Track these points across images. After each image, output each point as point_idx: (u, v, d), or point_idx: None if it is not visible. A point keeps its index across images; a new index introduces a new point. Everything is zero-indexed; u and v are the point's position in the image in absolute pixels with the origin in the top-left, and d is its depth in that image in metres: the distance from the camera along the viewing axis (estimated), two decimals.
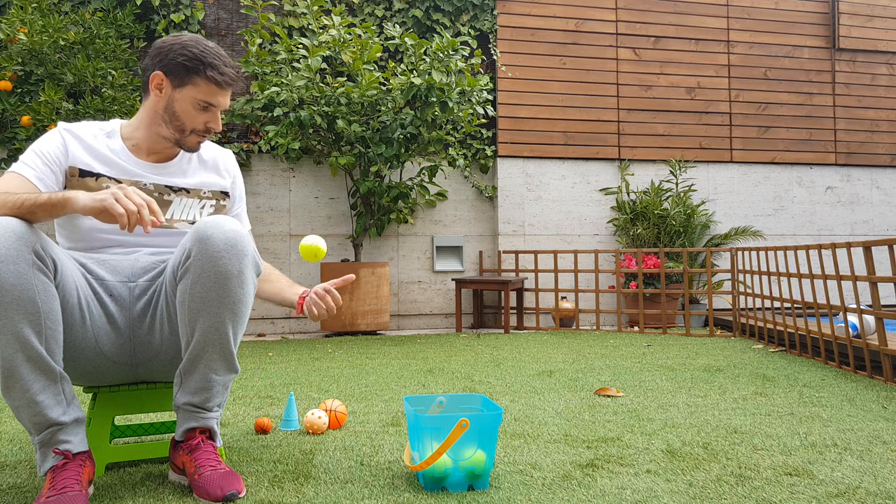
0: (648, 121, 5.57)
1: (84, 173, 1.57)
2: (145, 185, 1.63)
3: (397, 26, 4.72)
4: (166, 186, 1.65)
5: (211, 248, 1.41)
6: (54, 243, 1.40)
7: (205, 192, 1.72)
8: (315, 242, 1.66)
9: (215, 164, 1.76)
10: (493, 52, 5.28)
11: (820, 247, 3.26)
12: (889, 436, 1.94)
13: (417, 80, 4.18)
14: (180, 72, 1.57)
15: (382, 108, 4.46)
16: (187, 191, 1.68)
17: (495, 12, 5.31)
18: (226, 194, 1.77)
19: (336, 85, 4.42)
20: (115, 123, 1.67)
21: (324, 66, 4.51)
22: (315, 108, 4.29)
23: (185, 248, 1.45)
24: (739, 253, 5.39)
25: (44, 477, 1.38)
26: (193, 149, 1.66)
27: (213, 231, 1.42)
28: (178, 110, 1.59)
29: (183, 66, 1.57)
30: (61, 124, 1.61)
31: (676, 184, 5.44)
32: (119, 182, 1.59)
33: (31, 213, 1.34)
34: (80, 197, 1.33)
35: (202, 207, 1.71)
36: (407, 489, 1.50)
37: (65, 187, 1.57)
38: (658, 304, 4.97)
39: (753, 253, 5.61)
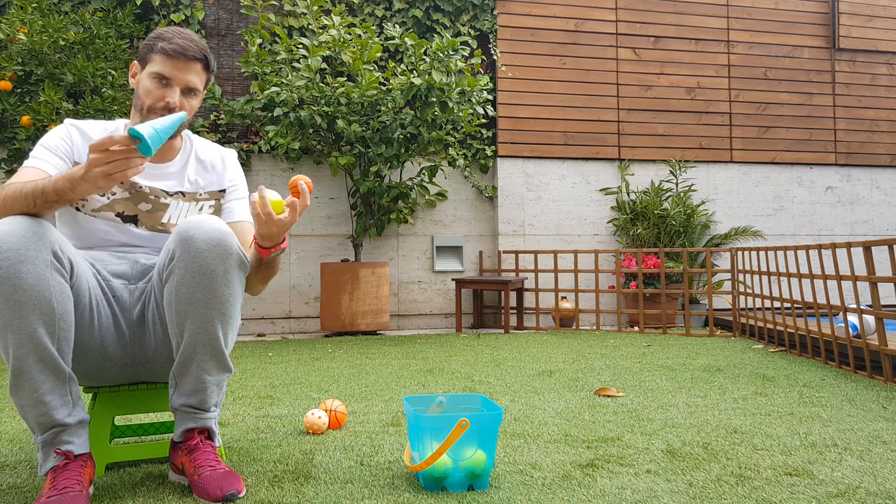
0: (648, 121, 5.57)
1: None
2: (141, 188, 1.61)
3: (397, 26, 4.72)
4: (162, 190, 1.64)
5: (193, 248, 1.40)
6: (70, 243, 1.39)
7: (201, 194, 1.69)
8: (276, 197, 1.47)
9: (213, 163, 1.73)
10: (493, 52, 5.28)
11: (820, 247, 3.26)
12: (889, 436, 1.94)
13: (417, 80, 4.17)
14: (144, 53, 1.59)
15: (382, 108, 4.46)
16: (183, 194, 1.67)
17: (495, 12, 5.31)
18: (222, 192, 1.73)
19: (336, 85, 4.42)
20: (120, 123, 1.67)
21: (324, 66, 4.51)
22: (315, 108, 4.29)
23: (168, 249, 1.44)
24: (739, 253, 5.39)
25: (44, 477, 1.38)
26: None
27: (195, 231, 1.41)
28: (141, 91, 1.57)
29: (146, 45, 1.59)
30: (67, 120, 1.62)
31: (676, 184, 5.44)
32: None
33: (35, 203, 1.33)
34: (78, 186, 1.31)
35: (200, 209, 1.69)
36: (407, 489, 1.50)
37: None
38: (658, 304, 4.97)
39: (753, 253, 5.61)
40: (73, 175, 1.30)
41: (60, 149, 1.55)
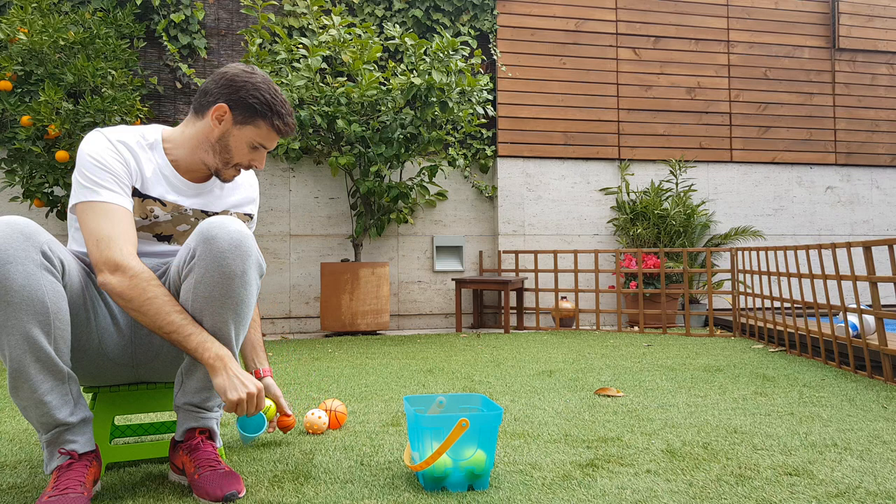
0: (648, 121, 5.57)
1: (134, 192, 1.55)
2: (185, 210, 1.61)
3: (397, 26, 4.72)
4: (202, 212, 1.65)
5: (215, 248, 1.41)
6: (61, 244, 1.40)
7: (232, 213, 1.73)
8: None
9: (244, 187, 1.78)
10: (493, 52, 5.28)
11: (820, 247, 3.26)
12: (889, 436, 1.94)
13: (417, 80, 4.17)
14: (247, 111, 1.57)
15: (382, 108, 4.46)
16: (219, 214, 1.70)
17: (495, 12, 5.31)
18: (249, 216, 1.79)
19: (336, 85, 4.42)
20: (156, 133, 1.62)
21: (324, 66, 4.51)
22: (315, 108, 4.29)
23: (189, 247, 1.45)
24: (739, 253, 5.39)
25: (49, 475, 1.39)
26: (227, 180, 1.65)
27: (217, 231, 1.42)
28: (233, 145, 1.59)
29: (252, 107, 1.57)
30: (107, 136, 1.54)
31: (676, 184, 5.44)
32: (164, 205, 1.58)
33: (165, 334, 1.42)
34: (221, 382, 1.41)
35: None
36: (407, 489, 1.50)
37: None
38: (658, 304, 4.97)
39: (753, 253, 5.61)
40: (215, 362, 1.41)
41: (123, 176, 1.51)
